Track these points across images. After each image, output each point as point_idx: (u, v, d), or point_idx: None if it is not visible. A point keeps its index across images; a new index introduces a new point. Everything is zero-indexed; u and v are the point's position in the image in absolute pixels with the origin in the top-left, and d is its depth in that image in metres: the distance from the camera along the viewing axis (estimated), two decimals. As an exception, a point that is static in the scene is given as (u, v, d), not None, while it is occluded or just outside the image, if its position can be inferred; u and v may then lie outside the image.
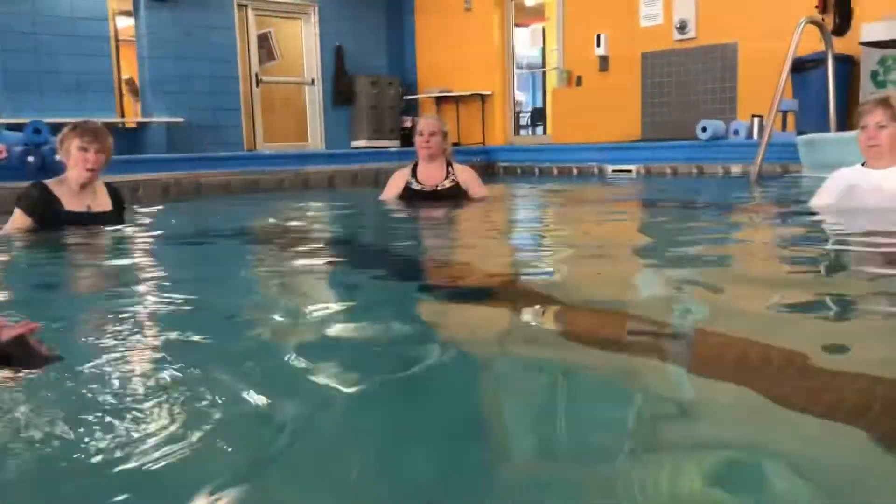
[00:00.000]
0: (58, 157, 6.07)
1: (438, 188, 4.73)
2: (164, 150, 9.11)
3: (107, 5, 8.97)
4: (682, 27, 8.71)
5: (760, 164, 6.20)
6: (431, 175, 4.77)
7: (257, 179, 7.21)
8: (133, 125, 9.65)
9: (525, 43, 11.77)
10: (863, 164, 3.44)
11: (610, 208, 4.90)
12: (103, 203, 3.44)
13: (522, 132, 14.19)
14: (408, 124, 11.45)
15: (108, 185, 3.54)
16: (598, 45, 9.63)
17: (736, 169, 6.99)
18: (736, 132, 7.15)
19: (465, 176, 4.83)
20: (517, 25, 11.66)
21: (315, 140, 11.20)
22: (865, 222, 3.28)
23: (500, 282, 2.26)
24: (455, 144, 11.09)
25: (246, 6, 10.25)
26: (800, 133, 6.78)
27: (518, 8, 11.72)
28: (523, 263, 2.74)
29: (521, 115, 15.31)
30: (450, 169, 4.81)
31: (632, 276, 2.35)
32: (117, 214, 3.52)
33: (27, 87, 8.46)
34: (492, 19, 10.80)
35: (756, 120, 6.94)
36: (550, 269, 2.54)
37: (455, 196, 4.74)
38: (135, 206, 5.72)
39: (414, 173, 4.81)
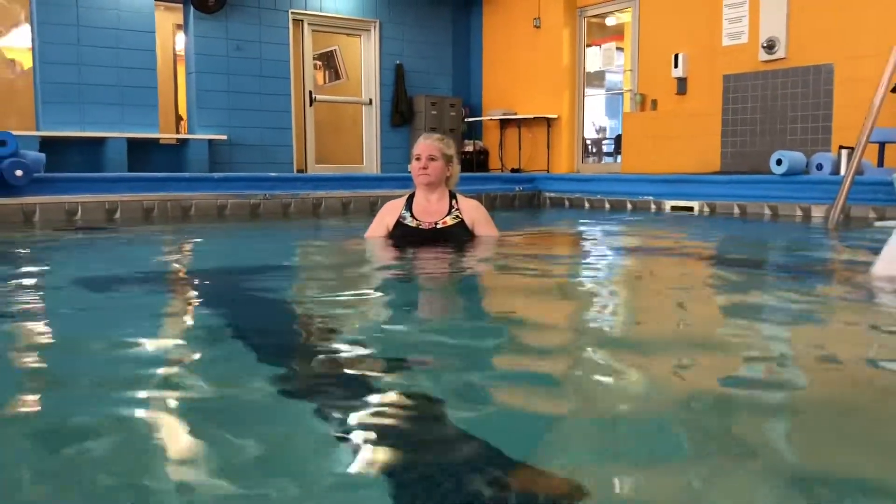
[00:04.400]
0: (18, 173, 5.83)
1: (438, 226, 3.77)
2: (205, 168, 8.80)
3: (154, 18, 8.74)
4: (770, 46, 7.61)
5: (842, 208, 5.05)
6: (430, 210, 3.82)
7: (225, 204, 6.57)
8: (175, 141, 9.37)
9: (596, 62, 10.77)
10: None
11: (664, 268, 3.60)
12: None
13: (607, 160, 13.14)
14: (469, 148, 10.74)
15: None
16: (676, 65, 8.68)
17: (817, 212, 5.81)
18: (819, 166, 5.97)
19: (472, 212, 3.85)
20: (592, 45, 10.73)
21: (370, 162, 10.65)
22: None
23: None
24: (515, 170, 10.29)
25: (302, 21, 9.84)
26: (902, 170, 5.59)
27: (597, 26, 10.81)
28: (557, 369, 1.64)
29: (603, 141, 14.27)
30: (453, 202, 3.84)
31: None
32: None
33: (69, 99, 8.30)
34: (561, 37, 9.94)
35: (844, 152, 5.76)
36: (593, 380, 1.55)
37: (458, 237, 3.77)
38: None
39: (409, 206, 3.85)
